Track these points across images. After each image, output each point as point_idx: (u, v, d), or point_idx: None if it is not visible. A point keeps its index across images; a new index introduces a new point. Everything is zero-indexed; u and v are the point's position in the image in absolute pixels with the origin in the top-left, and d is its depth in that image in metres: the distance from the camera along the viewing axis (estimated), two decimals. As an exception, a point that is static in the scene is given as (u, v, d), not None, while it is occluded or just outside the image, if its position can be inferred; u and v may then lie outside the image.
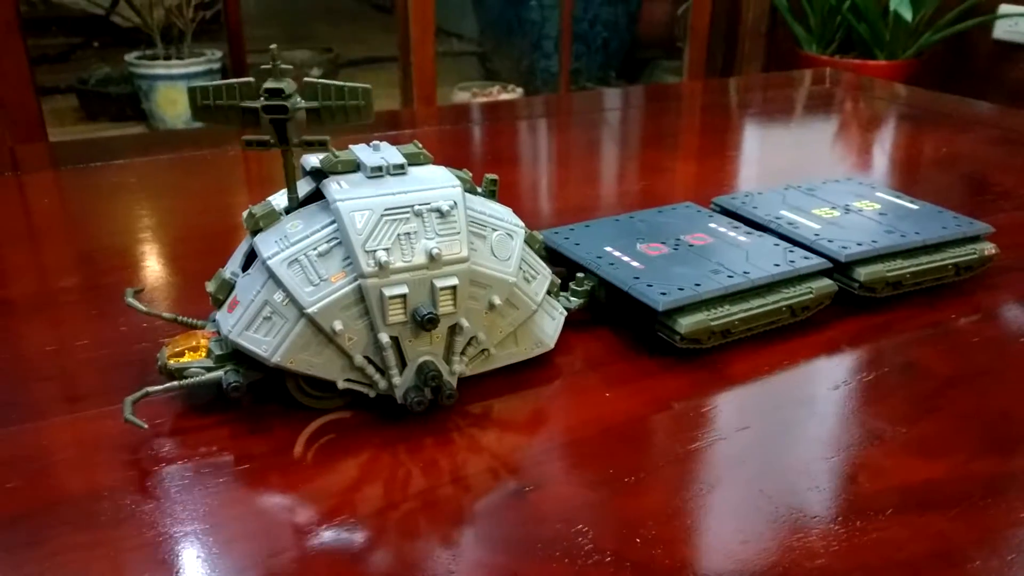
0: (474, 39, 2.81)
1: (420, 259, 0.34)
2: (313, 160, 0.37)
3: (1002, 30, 1.97)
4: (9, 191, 0.64)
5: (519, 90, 2.18)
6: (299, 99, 0.34)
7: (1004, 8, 1.92)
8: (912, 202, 0.54)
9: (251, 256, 0.37)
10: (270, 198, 0.38)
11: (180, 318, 0.38)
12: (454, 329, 0.36)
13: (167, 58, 2.04)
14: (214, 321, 0.39)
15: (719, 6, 2.22)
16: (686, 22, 2.13)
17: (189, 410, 0.37)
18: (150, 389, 0.34)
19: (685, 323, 0.41)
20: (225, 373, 0.35)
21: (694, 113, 0.94)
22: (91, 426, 0.36)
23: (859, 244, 0.46)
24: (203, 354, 0.36)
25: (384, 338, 0.34)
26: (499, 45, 2.56)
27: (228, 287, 0.36)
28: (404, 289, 0.34)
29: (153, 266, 0.52)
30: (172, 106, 2.03)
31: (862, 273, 0.45)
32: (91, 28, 2.65)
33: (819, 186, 0.58)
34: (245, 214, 0.37)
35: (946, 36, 1.88)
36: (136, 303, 0.38)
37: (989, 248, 0.49)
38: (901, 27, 1.83)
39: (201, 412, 0.36)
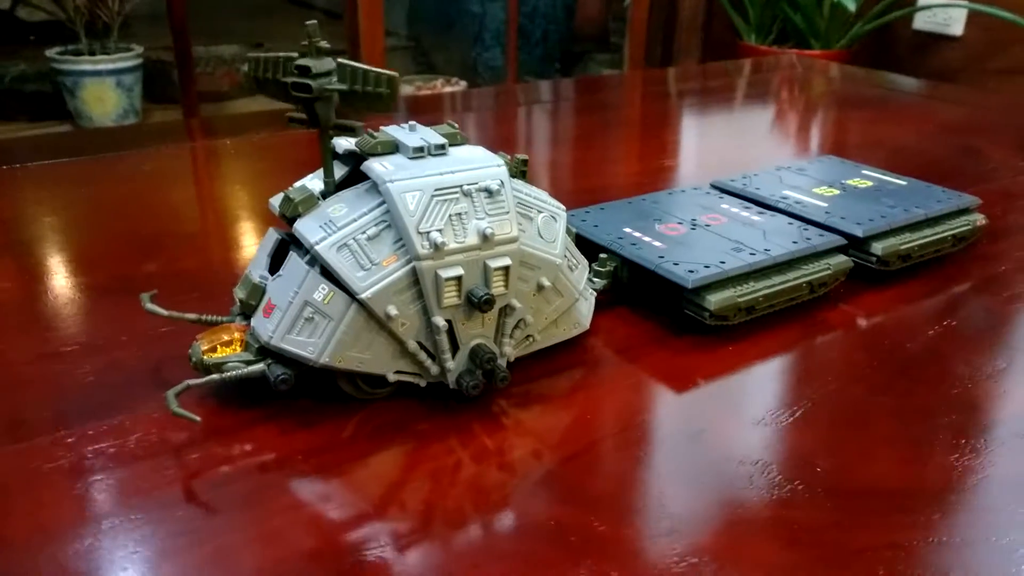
0: (403, 33, 2.78)
1: (473, 240, 0.33)
2: (345, 143, 0.36)
3: (921, 21, 2.06)
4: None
5: (463, 83, 2.17)
6: (334, 80, 0.33)
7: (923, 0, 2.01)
8: (899, 178, 0.55)
9: (277, 257, 0.36)
10: (301, 182, 0.36)
11: (204, 317, 0.37)
12: (504, 311, 0.35)
13: (92, 53, 1.96)
14: (241, 316, 0.37)
15: (655, -1, 2.26)
16: (627, 15, 2.15)
17: (225, 407, 0.35)
18: (191, 382, 0.33)
19: (714, 300, 0.41)
20: (269, 366, 0.33)
21: (661, 100, 0.95)
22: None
23: (871, 220, 0.47)
24: (237, 347, 0.35)
25: (439, 321, 0.33)
26: (436, 38, 2.54)
27: (260, 292, 0.35)
28: (459, 271, 0.33)
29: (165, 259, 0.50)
30: (100, 103, 1.95)
31: (879, 247, 0.46)
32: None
33: (807, 165, 0.59)
34: (279, 200, 0.35)
35: (876, 27, 1.95)
36: (157, 308, 0.36)
37: (980, 219, 0.51)
38: (836, 18, 1.89)
39: (237, 408, 0.35)
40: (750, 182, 0.55)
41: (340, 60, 0.34)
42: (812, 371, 0.40)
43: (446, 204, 0.33)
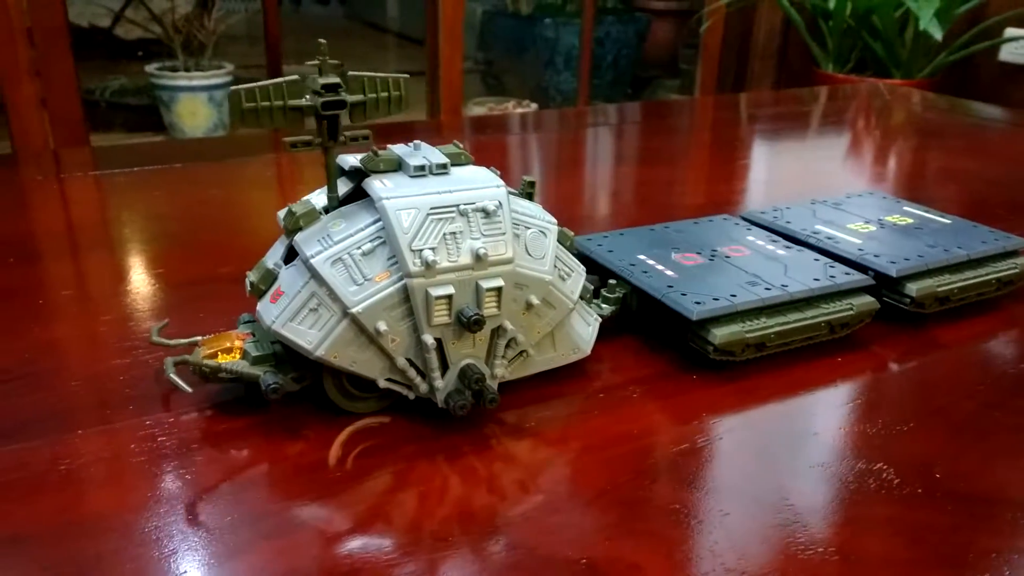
0: (470, 56, 2.82)
1: (466, 259, 0.33)
2: (351, 159, 0.37)
3: (1007, 52, 1.98)
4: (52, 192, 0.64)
5: (534, 105, 2.19)
6: (346, 95, 0.34)
7: (1009, 31, 1.93)
8: (942, 216, 0.53)
9: (292, 250, 0.37)
10: (307, 197, 0.37)
11: (206, 337, 0.38)
12: (497, 332, 0.35)
13: (187, 70, 2.06)
14: (246, 323, 0.38)
15: (730, 26, 2.23)
16: (700, 41, 2.14)
17: (219, 414, 0.36)
18: (189, 357, 0.34)
19: (719, 334, 0.40)
20: (264, 374, 0.34)
21: (732, 126, 0.94)
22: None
23: (906, 259, 0.45)
24: (236, 356, 0.36)
25: (428, 340, 0.33)
26: (507, 62, 2.58)
27: (271, 277, 0.36)
28: (450, 290, 0.33)
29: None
30: (192, 117, 2.05)
31: (913, 288, 0.44)
32: (91, 40, 2.64)
33: (845, 200, 0.57)
34: (283, 213, 0.36)
35: (959, 58, 1.88)
36: (163, 340, 0.37)
37: (1029, 262, 0.49)
38: (918, 47, 1.84)
39: (231, 415, 0.36)
40: (781, 215, 0.53)
41: (351, 72, 0.35)
42: (935, 381, 0.40)
43: (441, 223, 0.33)
